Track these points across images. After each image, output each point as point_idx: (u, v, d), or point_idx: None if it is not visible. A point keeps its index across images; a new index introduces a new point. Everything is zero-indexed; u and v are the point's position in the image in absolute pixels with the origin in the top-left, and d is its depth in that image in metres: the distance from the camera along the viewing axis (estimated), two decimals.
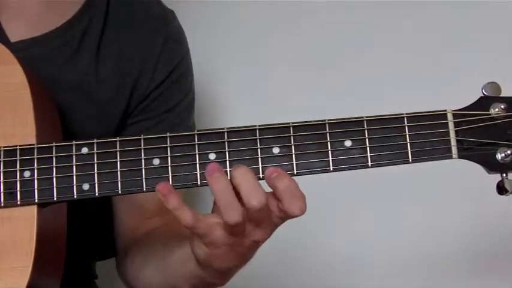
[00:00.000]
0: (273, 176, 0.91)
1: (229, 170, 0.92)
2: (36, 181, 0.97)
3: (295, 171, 0.93)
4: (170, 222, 1.17)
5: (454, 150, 0.93)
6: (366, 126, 0.94)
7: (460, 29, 1.49)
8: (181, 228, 1.14)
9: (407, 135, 0.93)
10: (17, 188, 0.97)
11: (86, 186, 0.96)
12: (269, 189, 0.91)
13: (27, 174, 0.97)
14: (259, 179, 0.93)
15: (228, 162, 0.92)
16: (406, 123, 0.94)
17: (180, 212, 0.90)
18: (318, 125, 0.94)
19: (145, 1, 1.23)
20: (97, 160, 0.96)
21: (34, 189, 0.97)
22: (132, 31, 1.19)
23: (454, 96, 0.98)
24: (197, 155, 0.94)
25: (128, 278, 1.18)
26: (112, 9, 1.19)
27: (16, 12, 1.15)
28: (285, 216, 0.91)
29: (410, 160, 0.93)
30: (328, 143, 0.93)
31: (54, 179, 0.96)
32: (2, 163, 0.98)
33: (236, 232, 0.91)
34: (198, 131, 0.95)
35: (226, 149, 0.93)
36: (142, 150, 0.95)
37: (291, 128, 0.94)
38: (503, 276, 1.48)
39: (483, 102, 0.94)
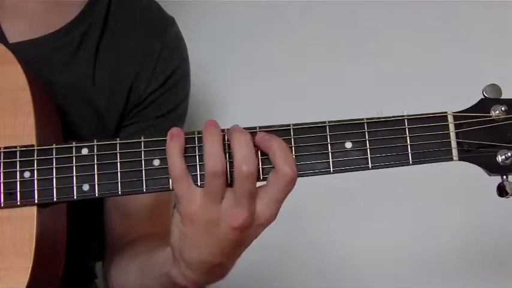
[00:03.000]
0: (266, 138, 0.91)
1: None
2: (36, 182, 0.96)
3: None
4: (159, 231, 1.17)
5: (455, 152, 0.93)
6: (366, 128, 0.94)
7: (461, 30, 1.49)
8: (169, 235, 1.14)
9: (408, 137, 0.93)
10: (17, 189, 0.97)
11: (85, 187, 0.96)
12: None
13: (27, 174, 0.97)
14: (260, 180, 0.93)
15: (227, 163, 0.92)
16: (406, 125, 0.94)
17: (175, 158, 0.90)
18: (319, 127, 0.94)
19: (146, 7, 1.23)
20: (97, 161, 0.96)
21: (34, 190, 0.96)
22: (130, 37, 1.19)
23: (454, 98, 0.98)
24: (197, 157, 0.93)
25: (111, 285, 1.17)
26: (112, 14, 1.19)
27: (16, 13, 1.15)
28: (278, 184, 0.90)
29: (411, 162, 0.93)
30: (329, 145, 0.93)
31: (54, 179, 0.96)
32: (2, 164, 0.97)
33: (214, 192, 0.89)
34: (198, 132, 0.95)
35: (227, 150, 0.93)
36: (143, 152, 0.95)
37: (292, 130, 0.94)
38: (504, 278, 1.48)
39: (484, 104, 0.94)
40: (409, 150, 0.93)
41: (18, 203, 0.97)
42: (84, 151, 0.96)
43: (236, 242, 0.92)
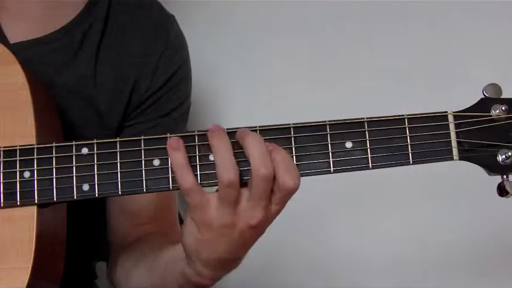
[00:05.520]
0: (270, 148, 0.91)
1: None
2: (36, 181, 0.96)
3: None
4: (163, 229, 1.16)
5: (455, 151, 0.93)
6: (366, 127, 0.94)
7: (461, 29, 1.49)
8: (173, 232, 1.13)
9: (408, 137, 0.93)
10: (16, 189, 0.97)
11: (85, 187, 0.96)
12: None
13: (27, 174, 0.97)
14: None
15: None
16: (407, 124, 0.93)
17: (183, 172, 0.90)
18: (319, 126, 0.94)
19: (146, 6, 1.22)
20: (97, 161, 0.95)
21: (34, 190, 0.96)
22: (131, 36, 1.19)
23: (455, 97, 0.98)
24: (197, 157, 0.93)
25: (117, 285, 1.17)
26: (112, 14, 1.19)
27: (16, 14, 1.15)
28: (280, 194, 0.90)
29: (411, 162, 0.93)
30: (329, 144, 0.93)
31: (54, 179, 0.96)
32: (1, 163, 0.97)
33: (228, 199, 0.89)
34: (198, 131, 0.94)
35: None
36: (143, 151, 0.95)
37: (292, 129, 0.94)
38: (504, 277, 1.48)
39: (484, 104, 0.94)
40: (410, 150, 0.93)
41: (18, 203, 0.97)
42: (84, 150, 0.96)
43: (252, 238, 0.93)
